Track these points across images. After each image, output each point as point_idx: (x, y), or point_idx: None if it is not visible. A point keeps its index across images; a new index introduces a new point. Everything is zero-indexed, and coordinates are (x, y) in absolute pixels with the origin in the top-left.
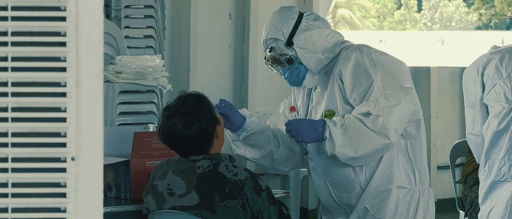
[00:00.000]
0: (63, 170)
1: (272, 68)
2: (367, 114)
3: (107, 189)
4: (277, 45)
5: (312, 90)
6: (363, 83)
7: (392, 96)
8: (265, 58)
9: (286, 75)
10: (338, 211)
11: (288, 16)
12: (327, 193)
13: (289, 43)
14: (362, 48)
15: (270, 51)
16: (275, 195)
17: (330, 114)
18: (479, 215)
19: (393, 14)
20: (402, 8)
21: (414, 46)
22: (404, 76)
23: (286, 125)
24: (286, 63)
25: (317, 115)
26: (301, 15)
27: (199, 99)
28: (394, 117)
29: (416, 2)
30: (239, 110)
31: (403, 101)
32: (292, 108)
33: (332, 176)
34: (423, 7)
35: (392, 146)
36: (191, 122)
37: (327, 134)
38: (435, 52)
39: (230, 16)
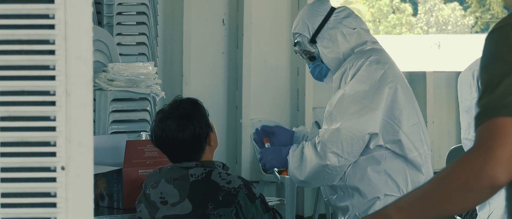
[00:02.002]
0: (53, 180)
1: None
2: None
3: (99, 198)
4: (302, 41)
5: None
6: None
7: (334, 118)
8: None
9: (310, 69)
10: (337, 210)
11: (317, 12)
12: (325, 193)
13: (313, 40)
14: (360, 58)
15: (295, 46)
16: (270, 203)
17: None
18: None
19: (388, 19)
20: (396, 12)
21: (410, 50)
22: (376, 98)
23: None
24: (309, 60)
25: None
26: (331, 11)
27: (194, 104)
28: (330, 139)
29: (408, 5)
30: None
31: (344, 125)
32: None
33: None
34: (419, 11)
35: (334, 168)
36: (185, 125)
37: (288, 157)
38: (432, 56)
39: (223, 22)
